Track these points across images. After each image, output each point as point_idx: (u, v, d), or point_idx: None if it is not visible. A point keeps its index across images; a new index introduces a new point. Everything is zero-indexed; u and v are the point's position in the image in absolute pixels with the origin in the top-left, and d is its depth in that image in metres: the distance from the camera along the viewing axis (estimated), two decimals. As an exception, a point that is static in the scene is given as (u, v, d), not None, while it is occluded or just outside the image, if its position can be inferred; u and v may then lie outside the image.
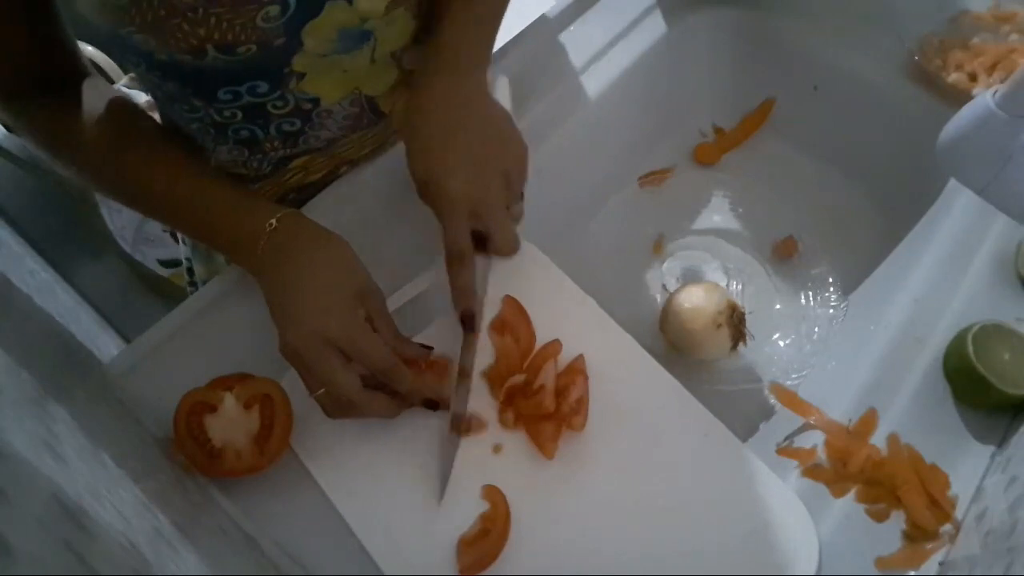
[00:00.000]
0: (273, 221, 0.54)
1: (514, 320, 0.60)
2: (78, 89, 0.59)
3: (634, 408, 0.56)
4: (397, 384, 0.52)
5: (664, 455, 0.54)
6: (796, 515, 0.51)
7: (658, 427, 0.55)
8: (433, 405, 0.54)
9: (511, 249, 0.57)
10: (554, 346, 0.58)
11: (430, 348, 0.56)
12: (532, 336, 0.59)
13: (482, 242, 0.57)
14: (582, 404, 0.55)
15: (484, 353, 0.59)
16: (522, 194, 0.60)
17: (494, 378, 0.58)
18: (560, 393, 0.55)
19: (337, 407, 0.52)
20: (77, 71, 0.59)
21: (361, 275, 0.55)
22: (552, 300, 0.61)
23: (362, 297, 0.53)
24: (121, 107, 0.60)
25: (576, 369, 0.57)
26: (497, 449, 0.55)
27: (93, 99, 0.59)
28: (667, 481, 0.53)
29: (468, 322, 0.56)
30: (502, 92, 0.67)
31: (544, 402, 0.54)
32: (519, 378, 0.56)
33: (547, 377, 0.55)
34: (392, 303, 0.60)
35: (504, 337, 0.59)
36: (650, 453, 0.54)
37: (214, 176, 0.59)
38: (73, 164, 0.59)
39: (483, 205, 0.54)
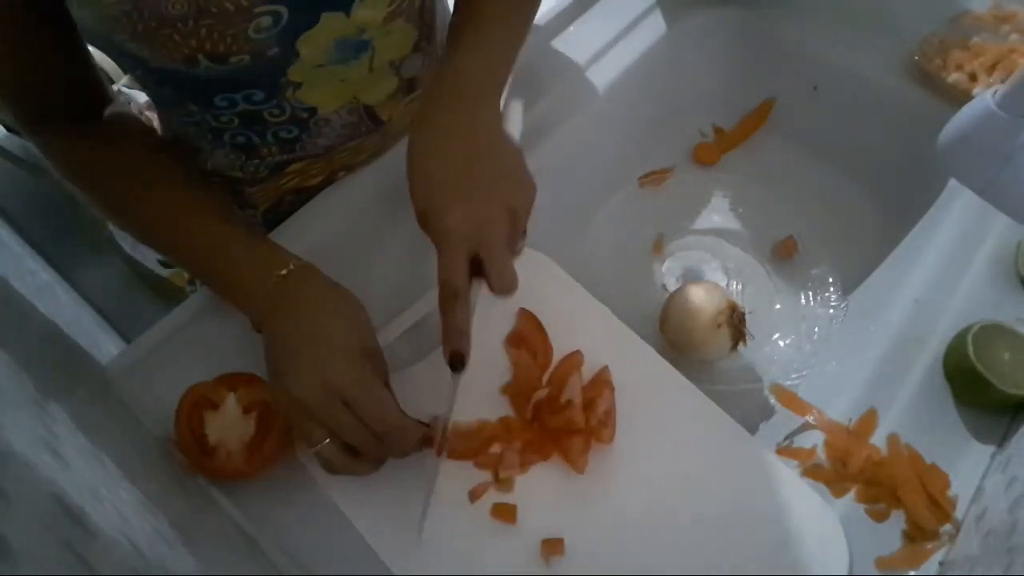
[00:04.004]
0: (284, 270, 0.53)
1: (530, 333, 0.59)
2: (101, 116, 0.59)
3: (656, 417, 0.55)
4: (399, 443, 0.50)
5: (691, 464, 0.54)
6: (824, 519, 0.50)
7: (681, 435, 0.55)
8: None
9: (507, 290, 0.51)
10: (575, 358, 0.57)
11: (426, 425, 0.52)
12: (549, 349, 0.59)
13: (477, 271, 0.53)
14: (610, 416, 0.54)
15: (500, 368, 0.58)
16: (524, 231, 0.56)
17: (514, 394, 0.57)
18: (587, 406, 0.54)
19: (340, 459, 0.49)
20: (103, 98, 0.60)
21: (371, 334, 0.53)
22: (566, 310, 0.60)
23: (369, 356, 0.51)
24: (141, 143, 0.61)
25: (602, 381, 0.56)
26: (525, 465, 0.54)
27: (116, 133, 0.60)
28: (696, 490, 0.53)
29: (456, 364, 0.51)
30: (515, 116, 0.65)
31: (574, 418, 0.53)
32: (543, 393, 0.55)
33: (573, 391, 0.55)
34: (401, 324, 0.60)
35: (520, 351, 0.58)
36: (677, 463, 0.54)
37: (230, 217, 0.59)
38: (94, 199, 0.60)
39: (483, 243, 0.50)
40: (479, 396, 0.56)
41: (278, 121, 0.63)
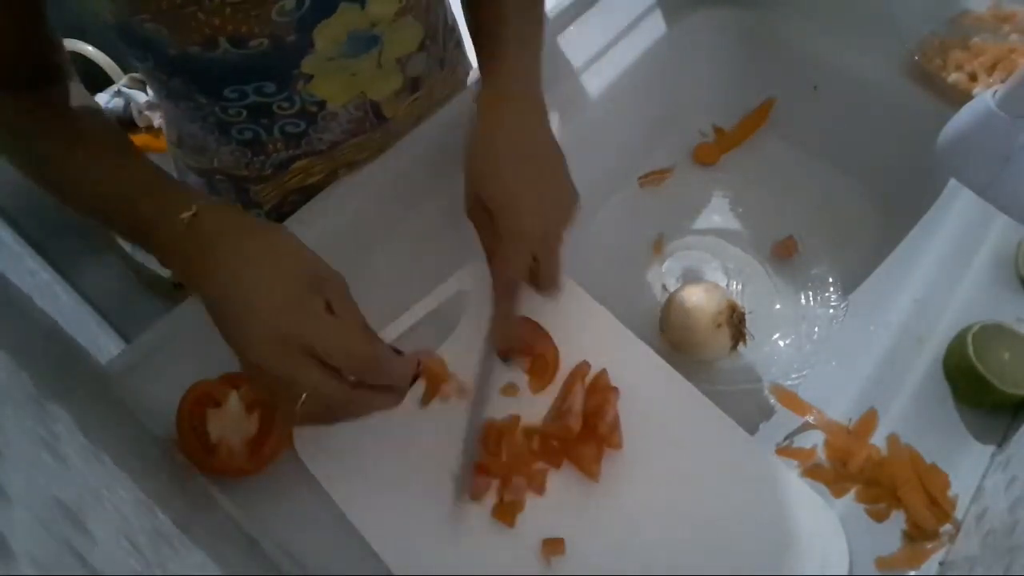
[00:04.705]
0: (186, 214, 0.46)
1: (532, 338, 0.59)
2: (58, 90, 0.55)
3: (655, 418, 0.55)
4: (381, 379, 0.45)
5: (690, 465, 0.54)
6: (824, 519, 0.50)
7: (681, 437, 0.55)
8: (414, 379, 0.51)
9: (555, 290, 0.56)
10: (582, 369, 0.57)
11: (399, 352, 0.49)
12: (555, 351, 0.58)
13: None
14: (617, 421, 0.54)
15: (507, 375, 0.58)
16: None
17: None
18: (595, 413, 0.54)
19: (326, 413, 0.45)
20: (56, 71, 0.56)
21: (310, 259, 0.46)
22: (566, 312, 0.60)
23: (317, 284, 0.45)
24: (74, 107, 0.55)
25: (605, 386, 0.56)
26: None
27: (49, 100, 0.55)
28: (696, 491, 0.53)
29: (506, 356, 0.56)
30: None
31: (570, 424, 0.53)
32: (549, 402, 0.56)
33: (575, 400, 0.55)
34: (401, 324, 0.60)
35: (525, 359, 0.59)
36: (677, 464, 0.54)
37: (139, 166, 0.52)
38: (12, 157, 0.55)
39: (545, 248, 0.53)
40: (489, 405, 0.56)
41: (287, 114, 0.64)
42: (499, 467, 0.54)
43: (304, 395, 0.43)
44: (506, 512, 0.52)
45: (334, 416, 0.45)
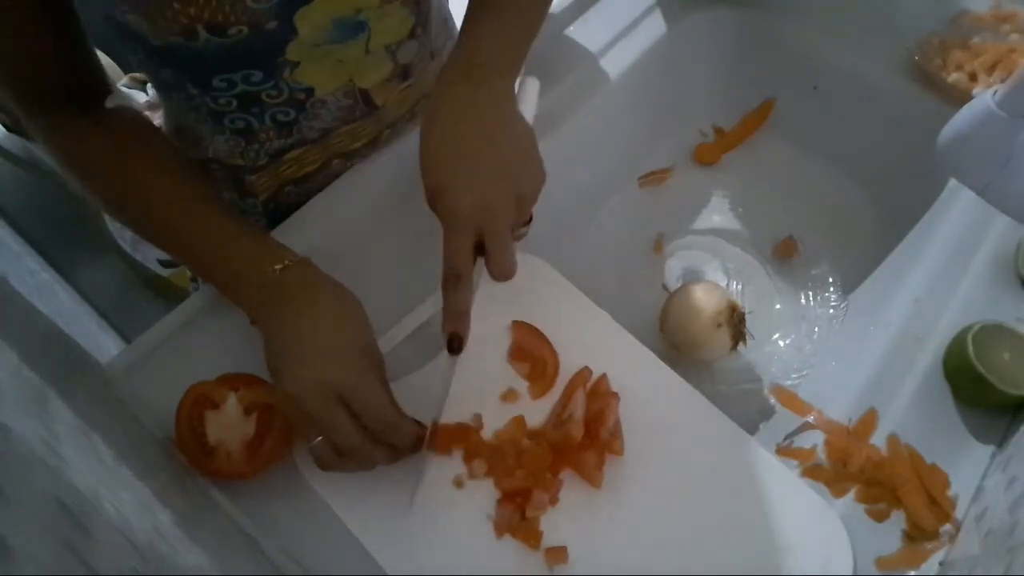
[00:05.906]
0: (279, 265, 0.54)
1: (529, 344, 0.59)
2: (102, 104, 0.59)
3: (657, 422, 0.55)
4: (396, 439, 0.50)
5: (692, 468, 0.54)
6: (827, 520, 0.50)
7: (683, 440, 0.55)
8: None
9: (505, 276, 0.52)
10: (583, 375, 0.57)
11: (424, 427, 0.53)
12: (555, 356, 0.58)
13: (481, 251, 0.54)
14: (619, 427, 0.54)
15: (507, 380, 0.58)
16: (531, 218, 0.57)
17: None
18: (597, 420, 0.54)
19: (332, 458, 0.49)
20: (101, 85, 0.60)
21: (369, 333, 0.53)
22: (566, 316, 0.60)
23: (365, 353, 0.51)
24: (139, 133, 0.60)
25: (605, 391, 0.56)
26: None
27: (120, 125, 0.59)
28: (698, 493, 0.53)
29: (454, 346, 0.52)
30: (530, 95, 0.64)
31: (571, 431, 0.53)
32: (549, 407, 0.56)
33: (576, 406, 0.54)
34: (404, 328, 0.60)
35: (524, 364, 0.59)
36: (678, 467, 0.54)
37: (229, 213, 0.58)
38: (93, 190, 0.60)
39: (488, 227, 0.51)
40: (490, 412, 0.56)
41: (276, 103, 0.64)
42: (520, 486, 0.53)
43: (320, 437, 0.48)
44: (530, 533, 0.51)
45: (337, 464, 0.50)
